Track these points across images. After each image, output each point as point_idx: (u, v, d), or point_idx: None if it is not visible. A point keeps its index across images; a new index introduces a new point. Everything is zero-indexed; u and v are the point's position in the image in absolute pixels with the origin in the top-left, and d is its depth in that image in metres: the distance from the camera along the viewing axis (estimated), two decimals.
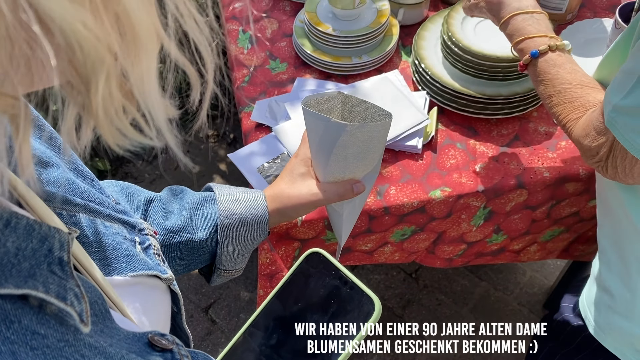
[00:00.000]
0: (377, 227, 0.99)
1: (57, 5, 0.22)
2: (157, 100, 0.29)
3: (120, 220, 0.50)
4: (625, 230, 0.80)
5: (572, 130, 0.74)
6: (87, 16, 0.23)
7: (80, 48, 0.24)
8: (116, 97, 0.27)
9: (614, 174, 0.71)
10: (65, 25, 0.23)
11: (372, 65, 1.14)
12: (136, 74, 0.27)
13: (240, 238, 0.70)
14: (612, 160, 0.70)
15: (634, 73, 0.62)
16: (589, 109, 0.73)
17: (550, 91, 0.77)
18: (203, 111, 0.32)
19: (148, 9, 0.26)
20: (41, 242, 0.32)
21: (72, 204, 0.45)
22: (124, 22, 0.25)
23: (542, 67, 0.78)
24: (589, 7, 1.25)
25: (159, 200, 0.69)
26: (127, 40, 0.26)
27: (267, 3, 1.29)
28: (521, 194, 0.99)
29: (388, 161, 1.01)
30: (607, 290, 0.84)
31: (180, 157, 0.31)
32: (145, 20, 0.26)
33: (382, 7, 1.14)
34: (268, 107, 1.09)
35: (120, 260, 0.46)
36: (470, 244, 1.08)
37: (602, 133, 0.69)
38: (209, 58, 0.30)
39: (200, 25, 0.29)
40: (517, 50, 0.82)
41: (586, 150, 0.72)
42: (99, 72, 0.25)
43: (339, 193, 0.73)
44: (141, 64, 0.27)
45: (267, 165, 1.01)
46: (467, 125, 1.06)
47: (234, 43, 1.22)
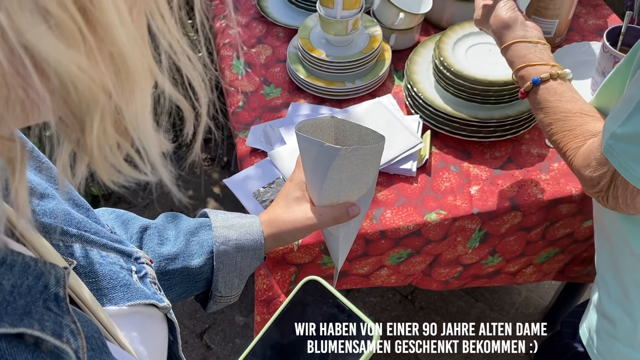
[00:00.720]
0: (373, 251, 0.99)
1: (53, 49, 0.22)
2: (151, 136, 0.29)
3: (117, 249, 0.50)
4: (624, 258, 0.79)
5: (572, 159, 0.74)
6: (82, 58, 0.24)
7: (75, 89, 0.24)
8: (111, 134, 0.27)
9: (614, 204, 0.70)
10: (60, 68, 0.23)
11: (365, 89, 1.15)
12: (131, 111, 0.27)
13: (236, 264, 0.70)
14: (613, 191, 0.68)
15: (633, 101, 0.62)
16: (589, 138, 0.72)
17: (550, 119, 0.77)
18: (197, 144, 0.33)
19: (142, 48, 0.27)
20: (37, 279, 0.32)
21: (69, 234, 0.45)
22: (118, 61, 0.26)
23: (543, 95, 0.78)
24: (577, 31, 1.27)
25: (154, 228, 0.69)
26: (121, 79, 0.26)
27: (261, 30, 1.31)
28: (516, 215, 0.99)
29: (383, 184, 1.02)
30: (608, 317, 0.84)
31: (175, 192, 0.31)
32: (139, 59, 0.26)
33: (374, 33, 1.16)
34: (263, 132, 1.10)
35: (117, 290, 0.46)
36: (466, 266, 1.08)
37: (603, 163, 0.68)
38: (202, 93, 0.31)
39: (194, 61, 0.29)
40: (518, 76, 0.82)
41: (587, 181, 0.71)
42: (94, 112, 0.25)
43: (334, 216, 0.73)
44: (135, 101, 0.27)
45: (262, 190, 1.01)
46: (460, 148, 1.06)
47: (228, 69, 1.23)
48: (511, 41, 0.82)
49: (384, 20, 1.19)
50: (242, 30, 1.31)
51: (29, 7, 0.21)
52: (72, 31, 0.23)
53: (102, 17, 0.24)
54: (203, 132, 0.32)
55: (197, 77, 0.30)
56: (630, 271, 0.79)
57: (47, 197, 0.46)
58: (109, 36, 0.24)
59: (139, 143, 0.29)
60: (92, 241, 0.47)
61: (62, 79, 0.23)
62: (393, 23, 1.18)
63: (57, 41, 0.22)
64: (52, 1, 0.22)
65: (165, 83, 0.29)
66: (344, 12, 1.07)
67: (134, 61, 0.26)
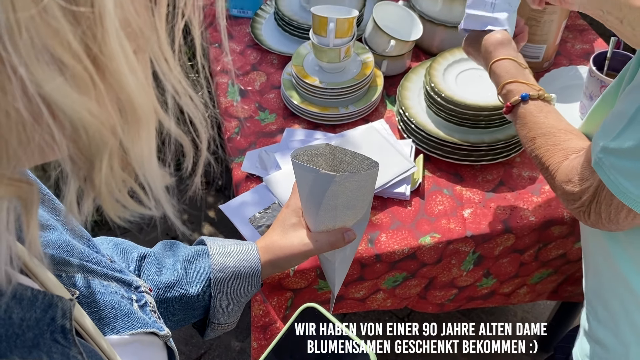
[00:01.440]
0: (369, 275, 1.00)
1: (68, 98, 0.24)
2: (155, 172, 0.30)
3: (117, 278, 0.50)
4: (610, 282, 0.79)
5: (555, 174, 0.74)
6: (93, 104, 0.25)
7: (86, 133, 0.25)
8: (117, 172, 0.29)
9: (596, 220, 0.70)
10: (73, 114, 0.24)
11: (358, 115, 1.17)
12: (136, 150, 0.29)
13: (234, 291, 0.71)
14: (595, 206, 0.69)
15: (624, 115, 0.62)
16: (571, 154, 0.73)
17: (535, 134, 0.78)
18: (197, 178, 0.34)
19: (147, 90, 0.28)
20: (44, 312, 0.33)
21: (71, 265, 0.46)
22: (125, 105, 0.27)
23: (529, 110, 0.79)
24: (565, 55, 1.31)
25: (152, 256, 0.70)
26: (128, 121, 0.28)
27: (255, 57, 1.33)
28: (509, 238, 1.01)
29: (377, 208, 1.03)
30: (600, 342, 0.83)
31: (178, 226, 0.32)
32: (144, 101, 0.28)
33: (366, 60, 1.19)
34: (258, 157, 1.11)
35: (118, 319, 0.47)
36: (461, 289, 1.09)
37: (585, 178, 0.68)
38: (203, 130, 0.32)
39: (195, 101, 0.31)
40: (505, 90, 0.83)
41: (568, 195, 0.72)
42: (103, 152, 0.27)
43: (330, 242, 0.74)
44: (141, 140, 0.29)
45: (258, 215, 1.02)
46: (452, 172, 1.08)
47: (223, 96, 1.25)
48: (504, 57, 0.84)
49: (375, 47, 1.22)
50: (237, 58, 1.33)
51: (45, 59, 0.23)
52: (85, 79, 0.24)
53: (111, 65, 0.25)
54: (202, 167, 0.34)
55: (198, 115, 0.31)
56: (616, 294, 0.78)
57: (49, 229, 0.47)
58: (118, 82, 0.26)
59: (143, 179, 0.30)
60: (94, 271, 0.48)
61: (74, 124, 0.25)
62: (384, 50, 1.20)
63: (71, 90, 0.24)
64: (67, 53, 0.23)
65: (169, 122, 0.30)
66: (336, 40, 1.10)
67: (140, 103, 0.27)
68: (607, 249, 0.77)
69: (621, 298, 0.78)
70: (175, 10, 0.29)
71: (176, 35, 0.30)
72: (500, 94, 0.85)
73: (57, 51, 0.23)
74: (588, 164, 0.69)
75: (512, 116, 0.84)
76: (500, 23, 0.88)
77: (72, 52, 0.24)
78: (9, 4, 0.21)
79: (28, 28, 0.22)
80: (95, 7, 0.24)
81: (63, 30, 0.23)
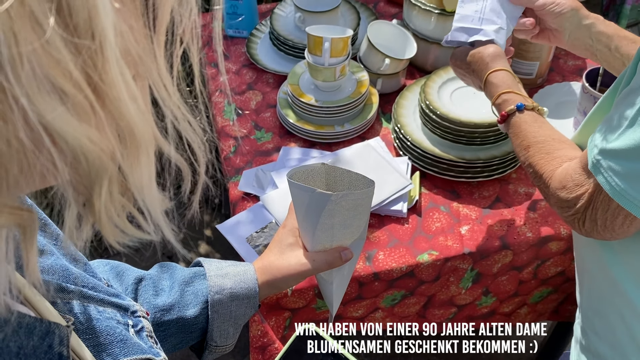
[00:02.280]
0: (367, 294, 0.99)
1: (68, 126, 0.24)
2: (155, 197, 0.30)
3: (113, 303, 0.50)
4: (606, 293, 0.79)
5: (549, 181, 0.73)
6: (93, 131, 0.25)
7: (86, 160, 0.25)
8: (116, 198, 0.28)
9: (591, 228, 0.69)
10: (74, 142, 0.24)
11: (354, 132, 1.18)
12: (136, 175, 0.29)
13: (231, 313, 0.70)
14: (591, 213, 0.68)
15: (622, 117, 0.62)
16: (565, 162, 0.73)
17: (529, 142, 0.78)
18: (195, 202, 0.34)
19: (147, 117, 0.28)
20: (41, 339, 0.32)
21: (67, 291, 0.45)
22: (125, 132, 0.27)
23: (524, 120, 0.80)
24: (558, 72, 1.32)
25: (149, 279, 0.69)
26: (127, 147, 0.28)
27: (251, 76, 1.34)
28: (506, 254, 1.01)
29: (375, 226, 1.03)
30: (599, 356, 0.82)
31: (179, 250, 0.32)
32: (144, 128, 0.28)
33: (361, 78, 1.19)
34: (255, 176, 1.11)
35: (114, 346, 0.46)
36: (460, 307, 1.08)
37: (580, 184, 0.68)
38: (201, 153, 0.32)
39: (194, 126, 0.31)
40: (500, 100, 0.83)
41: (562, 202, 0.71)
42: (102, 178, 0.27)
43: (327, 261, 0.74)
44: (140, 166, 0.29)
45: (255, 234, 1.02)
46: (449, 189, 1.08)
47: (219, 115, 1.25)
48: (501, 67, 0.85)
49: (370, 65, 1.23)
50: (232, 77, 1.34)
51: (47, 89, 0.23)
52: (85, 107, 0.24)
53: (112, 93, 0.25)
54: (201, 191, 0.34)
55: (196, 140, 0.32)
56: (612, 305, 0.78)
57: (46, 254, 0.46)
58: (118, 109, 0.26)
59: (142, 204, 0.30)
60: (90, 297, 0.47)
61: (74, 151, 0.25)
62: (379, 68, 1.21)
63: (72, 118, 0.24)
64: (67, 82, 0.23)
65: (167, 147, 0.30)
66: (331, 60, 1.10)
67: (140, 130, 0.28)
68: (601, 258, 0.76)
69: (618, 308, 0.77)
70: (174, 37, 0.29)
71: (174, 61, 0.30)
72: (495, 103, 0.85)
73: (58, 81, 0.23)
74: (582, 170, 0.68)
75: (506, 126, 0.84)
76: (487, 34, 0.89)
77: (73, 81, 0.24)
78: (12, 37, 0.21)
79: (30, 60, 0.22)
80: (96, 37, 0.24)
81: (64, 61, 0.23)
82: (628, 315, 0.76)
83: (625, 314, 0.76)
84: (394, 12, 1.48)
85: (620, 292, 0.75)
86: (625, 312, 0.76)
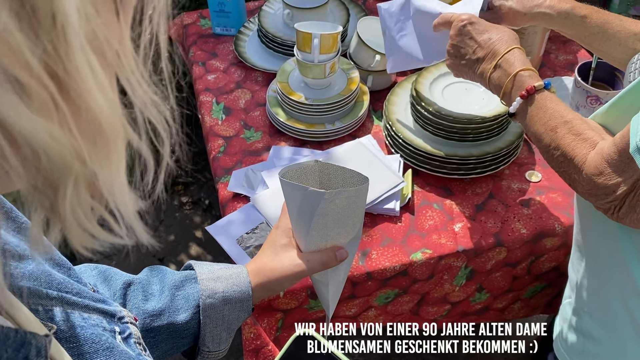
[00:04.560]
0: (360, 292, 0.98)
1: (24, 119, 0.22)
2: (126, 197, 0.28)
3: (99, 310, 0.48)
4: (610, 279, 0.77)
5: (582, 166, 0.68)
6: (54, 127, 0.23)
7: (48, 158, 0.23)
8: (85, 199, 0.26)
9: (626, 214, 0.65)
10: (32, 138, 0.22)
11: (345, 130, 1.16)
12: (105, 174, 0.27)
13: (224, 317, 0.68)
14: (631, 199, 0.64)
15: None
16: (595, 144, 0.68)
17: (556, 122, 0.72)
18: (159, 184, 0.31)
19: (116, 109, 0.26)
20: (16, 351, 0.30)
21: (49, 298, 0.43)
22: (93, 127, 0.25)
23: (549, 99, 0.75)
24: (549, 67, 1.31)
25: (138, 283, 0.67)
26: (96, 144, 0.26)
27: (240, 74, 1.32)
28: (500, 251, 1.00)
29: (367, 225, 1.01)
30: (591, 337, 0.81)
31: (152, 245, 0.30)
32: (114, 122, 0.26)
33: (351, 75, 1.18)
34: (245, 176, 1.10)
35: (99, 354, 0.44)
36: (454, 304, 1.07)
37: (620, 170, 0.63)
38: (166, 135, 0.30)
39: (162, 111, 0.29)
40: (521, 77, 0.78)
41: (599, 189, 0.66)
42: (67, 178, 0.25)
43: (322, 261, 0.72)
44: (110, 164, 0.27)
45: (246, 236, 1.00)
46: (442, 186, 1.07)
47: (207, 115, 1.23)
48: (512, 47, 0.80)
49: (360, 62, 1.21)
50: (221, 76, 1.32)
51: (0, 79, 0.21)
52: (44, 100, 0.22)
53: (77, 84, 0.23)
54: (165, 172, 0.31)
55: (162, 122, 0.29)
56: (616, 288, 0.76)
57: (27, 259, 0.44)
58: (84, 102, 0.24)
59: (113, 205, 0.28)
60: (74, 303, 0.45)
61: (33, 148, 0.23)
62: (370, 65, 1.20)
63: (28, 111, 0.22)
64: (24, 72, 0.21)
65: (137, 140, 0.28)
66: (321, 56, 1.09)
67: (109, 125, 0.25)
68: (620, 254, 0.73)
69: (621, 291, 0.75)
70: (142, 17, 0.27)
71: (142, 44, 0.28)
72: (515, 81, 0.79)
73: (12, 70, 0.21)
74: (621, 154, 0.63)
75: (525, 105, 0.77)
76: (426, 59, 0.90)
77: (31, 71, 0.21)
78: None
79: None
80: (58, 21, 0.22)
81: (19, 48, 0.21)
82: (631, 299, 0.74)
83: (629, 297, 0.74)
84: None
85: (629, 275, 0.73)
86: (628, 296, 0.74)
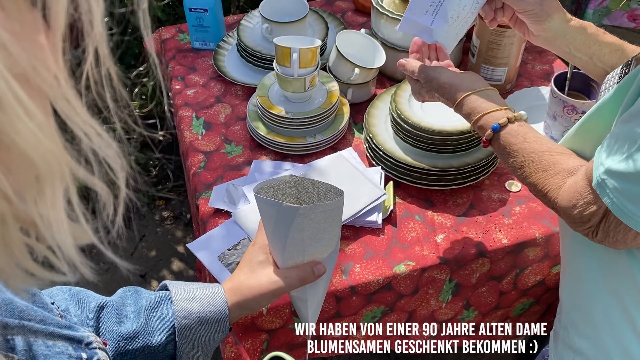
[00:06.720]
0: (346, 310, 0.97)
1: None
2: (66, 231, 0.27)
3: (65, 336, 0.46)
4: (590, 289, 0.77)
5: (555, 200, 0.70)
6: None
7: None
8: (16, 239, 0.25)
9: (602, 238, 0.67)
10: None
11: (326, 143, 1.16)
12: (41, 210, 0.25)
13: (200, 338, 0.67)
14: (604, 226, 0.66)
15: (633, 137, 0.59)
16: (567, 177, 0.70)
17: (521, 162, 0.74)
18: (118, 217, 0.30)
19: (49, 140, 0.24)
20: None
21: (9, 327, 0.42)
22: (21, 165, 0.23)
23: (506, 140, 0.77)
24: (526, 77, 1.32)
25: (111, 305, 0.66)
26: (28, 181, 0.24)
27: (219, 89, 1.31)
28: (483, 263, 0.99)
29: (350, 238, 1.01)
30: (580, 353, 0.81)
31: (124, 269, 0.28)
32: (45, 154, 0.24)
33: (331, 88, 1.18)
34: (226, 191, 1.08)
35: None
36: (442, 323, 1.06)
37: (591, 202, 0.66)
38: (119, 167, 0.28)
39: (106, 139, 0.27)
40: (477, 128, 0.81)
41: (576, 219, 0.68)
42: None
43: (300, 277, 0.71)
44: (46, 200, 0.25)
45: (227, 252, 0.99)
46: (423, 197, 1.07)
47: (187, 130, 1.22)
48: (460, 97, 0.82)
49: (340, 75, 1.21)
50: (200, 90, 1.31)
51: None
52: None
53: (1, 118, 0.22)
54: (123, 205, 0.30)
55: (112, 154, 0.28)
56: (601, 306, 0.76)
57: None
58: (8, 136, 0.22)
59: (52, 242, 0.26)
60: (37, 330, 0.44)
61: None
62: (349, 78, 1.20)
63: None
64: None
65: (80, 170, 0.26)
66: (300, 70, 1.08)
67: (41, 158, 0.24)
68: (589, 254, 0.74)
69: (603, 305, 0.75)
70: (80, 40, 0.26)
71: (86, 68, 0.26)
72: (474, 132, 0.83)
73: None
74: (590, 186, 0.66)
75: (495, 150, 0.81)
76: (434, 37, 0.88)
77: None
78: None
79: None
80: None
81: None
82: (615, 316, 0.74)
83: (611, 311, 0.75)
84: (361, 21, 1.47)
85: (608, 289, 0.74)
86: (610, 309, 0.75)
